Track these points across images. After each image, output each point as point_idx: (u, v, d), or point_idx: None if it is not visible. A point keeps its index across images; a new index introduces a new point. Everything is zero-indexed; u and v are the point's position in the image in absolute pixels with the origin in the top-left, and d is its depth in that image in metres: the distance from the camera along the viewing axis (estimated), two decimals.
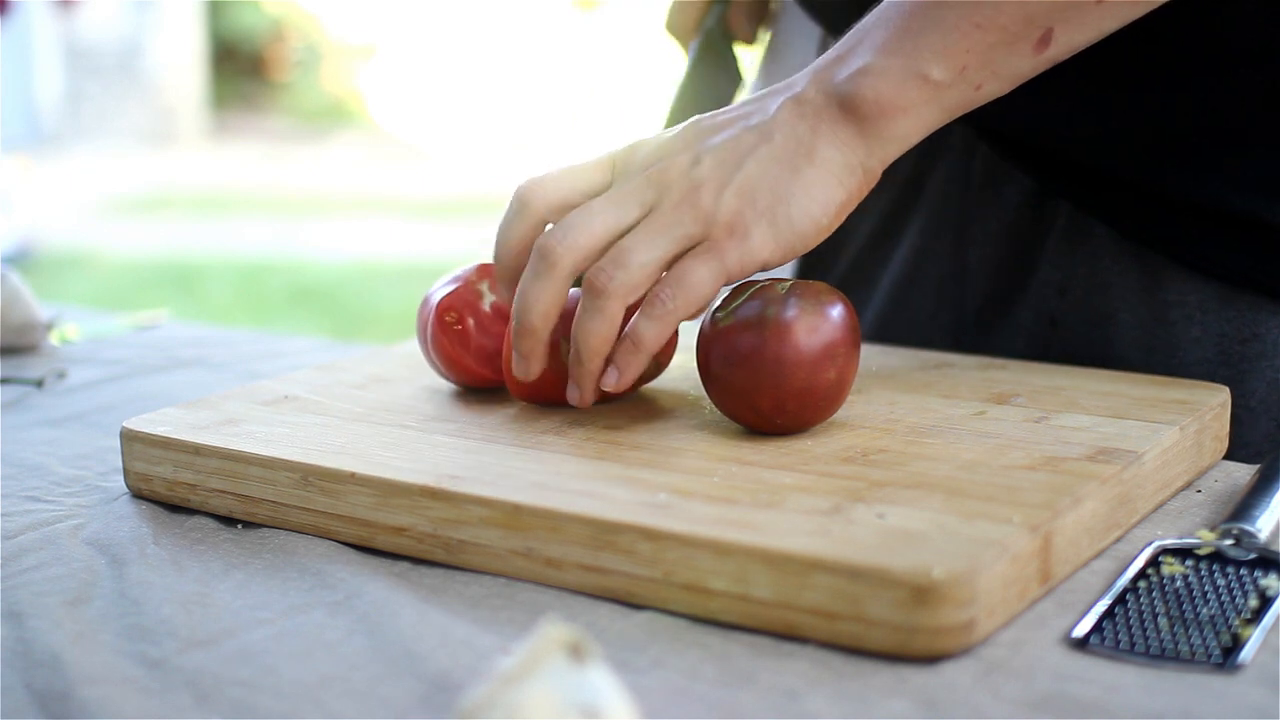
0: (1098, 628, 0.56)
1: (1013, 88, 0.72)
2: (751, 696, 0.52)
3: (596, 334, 0.70)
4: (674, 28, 1.03)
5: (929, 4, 0.70)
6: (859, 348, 0.71)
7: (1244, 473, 0.74)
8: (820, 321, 0.69)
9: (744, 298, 0.71)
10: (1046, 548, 0.59)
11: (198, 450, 0.72)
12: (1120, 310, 0.85)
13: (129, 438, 0.75)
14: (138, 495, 0.75)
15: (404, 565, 0.65)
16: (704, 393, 0.73)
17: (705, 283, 0.69)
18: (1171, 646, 0.55)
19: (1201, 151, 0.82)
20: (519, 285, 0.72)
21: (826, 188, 0.70)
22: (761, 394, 0.69)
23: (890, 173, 0.95)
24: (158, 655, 0.57)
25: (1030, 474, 0.64)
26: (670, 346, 0.77)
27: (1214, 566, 0.61)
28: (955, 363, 0.83)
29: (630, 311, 0.71)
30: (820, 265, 1.00)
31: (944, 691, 0.52)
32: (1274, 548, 0.62)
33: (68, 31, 10.53)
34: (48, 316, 1.09)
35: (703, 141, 0.71)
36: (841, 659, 0.55)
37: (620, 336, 0.71)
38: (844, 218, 0.71)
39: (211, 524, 0.71)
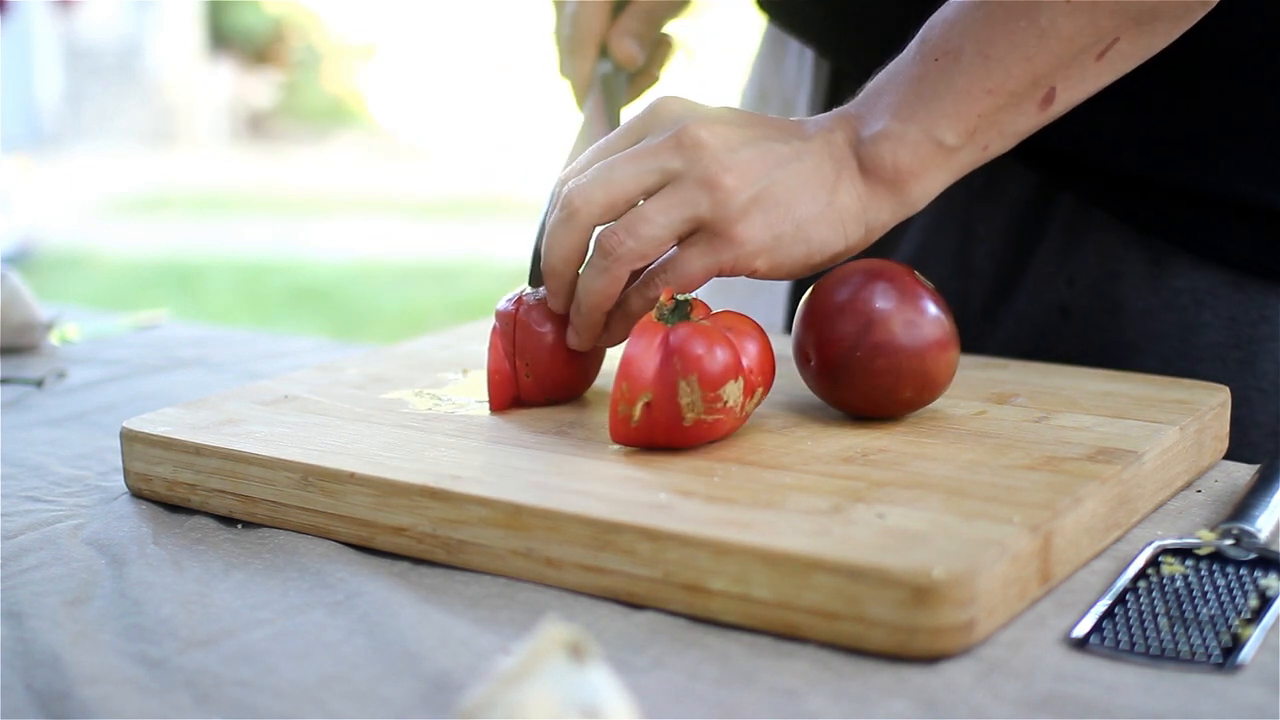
0: (1098, 628, 0.56)
1: (1015, 144, 0.74)
2: (751, 696, 0.52)
3: (599, 291, 0.72)
4: (569, 74, 0.94)
5: (940, 67, 0.71)
6: None
7: (1244, 473, 0.74)
8: (942, 307, 0.72)
9: (855, 285, 0.72)
10: (1046, 548, 0.59)
11: (198, 450, 0.72)
12: (1130, 298, 0.86)
13: (129, 438, 0.75)
14: (138, 495, 0.75)
15: (404, 565, 0.65)
16: None
17: (698, 274, 0.72)
18: (1171, 646, 0.55)
19: (1208, 141, 0.82)
20: (548, 228, 0.74)
21: (832, 230, 0.72)
22: (905, 381, 0.71)
23: None
24: (158, 655, 0.57)
25: (1030, 474, 0.64)
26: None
27: (1214, 566, 0.61)
28: None
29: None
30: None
31: (944, 691, 0.52)
32: (1274, 548, 0.62)
33: (68, 31, 10.53)
34: (48, 316, 1.09)
35: (745, 127, 0.72)
36: (841, 659, 0.55)
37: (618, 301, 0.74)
38: (829, 266, 0.73)
39: (211, 524, 0.71)
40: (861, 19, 0.91)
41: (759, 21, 1.07)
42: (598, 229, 0.72)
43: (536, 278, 0.77)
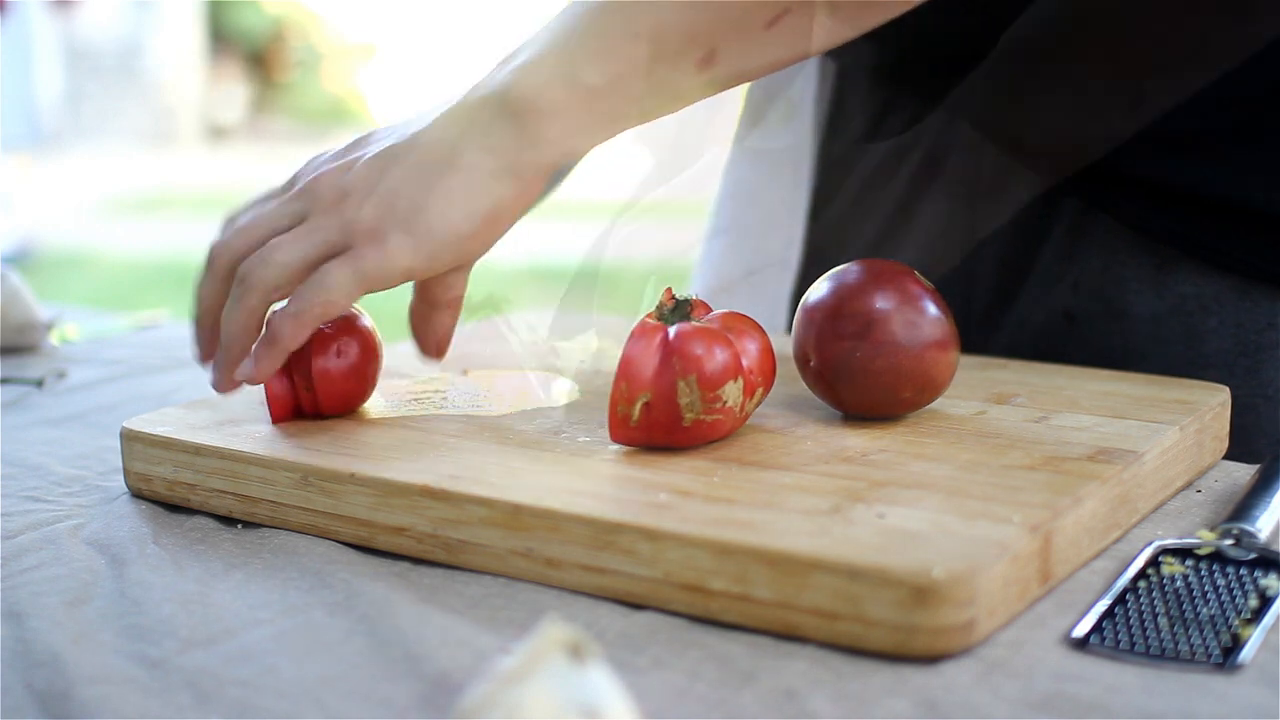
0: (1098, 628, 0.56)
1: (682, 107, 0.72)
2: (751, 696, 0.52)
3: (236, 322, 0.72)
4: None
5: (596, 10, 0.70)
6: None
7: (1244, 473, 0.74)
8: (942, 308, 0.72)
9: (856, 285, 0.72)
10: (1046, 548, 0.59)
11: (198, 450, 0.72)
12: (1135, 304, 0.85)
13: (129, 438, 0.75)
14: (138, 495, 0.75)
15: (404, 565, 0.65)
16: None
17: (343, 285, 0.71)
18: (1171, 646, 0.55)
19: (1215, 145, 0.82)
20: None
21: (469, 196, 0.70)
22: (905, 381, 0.71)
23: (893, 176, 0.95)
24: (158, 655, 0.57)
25: (1030, 474, 0.64)
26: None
27: (1214, 566, 0.61)
28: None
29: None
30: (825, 266, 1.00)
31: (944, 691, 0.52)
32: (1274, 548, 0.62)
33: (68, 31, 10.54)
34: (48, 316, 1.09)
35: (359, 150, 0.74)
36: (841, 659, 0.55)
37: (262, 330, 0.73)
38: (502, 225, 0.72)
39: (211, 524, 0.71)
40: None
41: None
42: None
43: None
